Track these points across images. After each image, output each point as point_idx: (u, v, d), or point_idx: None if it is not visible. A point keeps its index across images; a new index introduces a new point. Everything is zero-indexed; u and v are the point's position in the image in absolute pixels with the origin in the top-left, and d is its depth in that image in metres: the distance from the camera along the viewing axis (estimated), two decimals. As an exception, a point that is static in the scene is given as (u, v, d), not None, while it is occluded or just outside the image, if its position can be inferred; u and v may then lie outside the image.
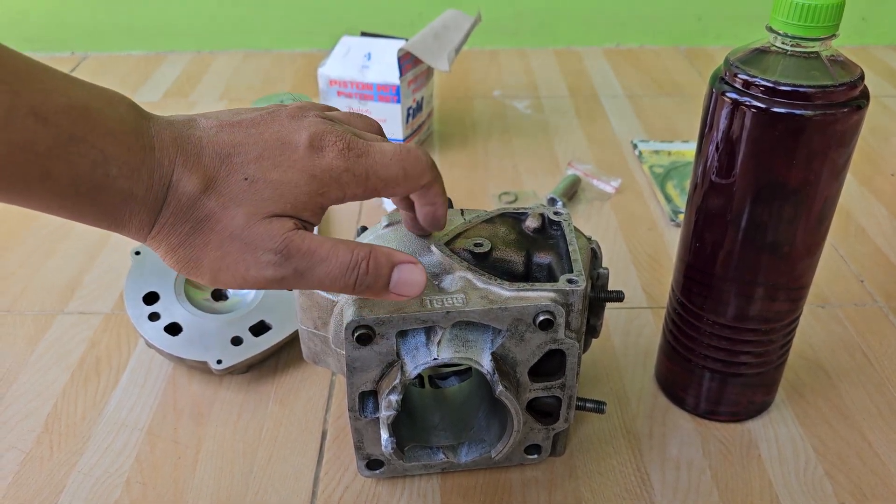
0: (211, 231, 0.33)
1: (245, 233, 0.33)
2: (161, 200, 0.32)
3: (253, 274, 0.33)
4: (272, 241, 0.33)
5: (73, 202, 0.31)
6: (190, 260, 0.33)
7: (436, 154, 0.88)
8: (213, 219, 0.33)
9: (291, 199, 0.34)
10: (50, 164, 0.29)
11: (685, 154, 0.87)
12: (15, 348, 0.59)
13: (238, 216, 0.33)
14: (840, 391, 0.55)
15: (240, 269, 0.33)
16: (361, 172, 0.35)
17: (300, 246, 0.34)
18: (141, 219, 0.32)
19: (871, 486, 0.48)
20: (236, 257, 0.33)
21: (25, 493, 0.48)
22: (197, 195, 0.33)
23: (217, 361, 0.53)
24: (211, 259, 0.33)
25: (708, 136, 0.43)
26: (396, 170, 0.36)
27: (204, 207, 0.33)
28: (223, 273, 0.34)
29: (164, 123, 0.33)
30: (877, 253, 0.71)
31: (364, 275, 0.35)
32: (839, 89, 0.39)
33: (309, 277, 0.34)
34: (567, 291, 0.41)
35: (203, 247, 0.33)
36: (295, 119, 0.36)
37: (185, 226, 0.33)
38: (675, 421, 0.53)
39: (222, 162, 0.33)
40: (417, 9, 1.18)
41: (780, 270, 0.45)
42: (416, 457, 0.47)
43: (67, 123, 0.30)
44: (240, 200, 0.33)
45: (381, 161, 0.36)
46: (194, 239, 0.33)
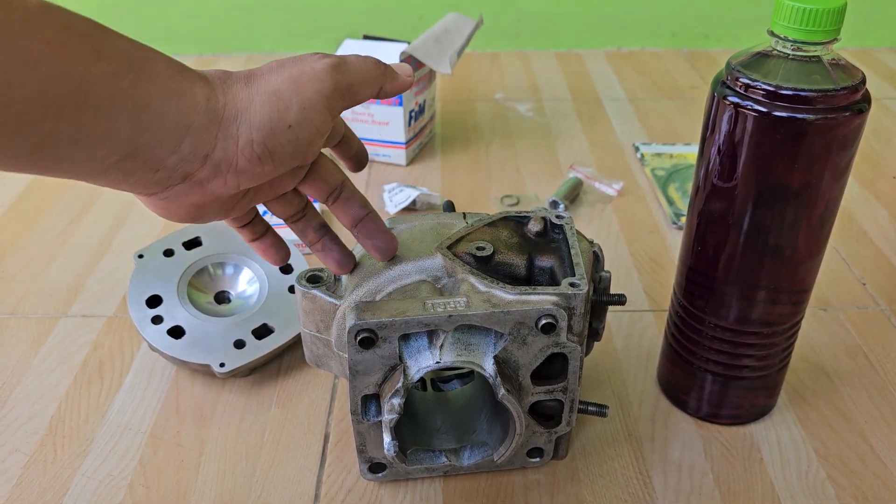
0: (266, 72, 0.37)
1: (290, 60, 0.38)
2: (215, 86, 0.36)
3: (316, 87, 0.37)
4: (317, 63, 0.37)
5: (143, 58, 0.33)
6: (270, 95, 0.36)
7: (438, 157, 0.88)
8: (260, 71, 0.37)
9: (326, 77, 0.37)
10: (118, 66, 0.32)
11: (687, 157, 0.87)
12: (18, 351, 0.59)
13: (278, 70, 0.37)
14: (842, 394, 0.55)
15: (304, 89, 0.36)
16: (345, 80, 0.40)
17: (341, 60, 0.38)
18: (205, 91, 0.35)
19: (873, 490, 0.48)
20: (298, 70, 0.37)
21: (29, 496, 0.48)
22: (243, 82, 0.37)
23: (220, 364, 0.53)
24: (281, 82, 0.36)
25: (710, 140, 0.44)
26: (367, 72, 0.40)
27: (254, 83, 0.36)
28: (302, 87, 0.36)
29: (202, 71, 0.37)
30: (879, 256, 0.71)
31: (386, 68, 0.40)
32: (841, 93, 0.39)
33: (357, 76, 0.39)
34: (569, 295, 0.41)
35: (269, 81, 0.36)
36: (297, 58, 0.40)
37: (243, 87, 0.36)
38: (677, 424, 0.53)
39: (258, 75, 0.37)
40: (419, 12, 1.18)
41: (782, 273, 0.45)
42: (418, 460, 0.47)
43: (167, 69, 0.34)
44: (275, 71, 0.37)
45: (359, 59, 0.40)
46: (257, 84, 0.36)
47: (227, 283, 0.61)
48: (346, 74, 0.38)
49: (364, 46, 0.82)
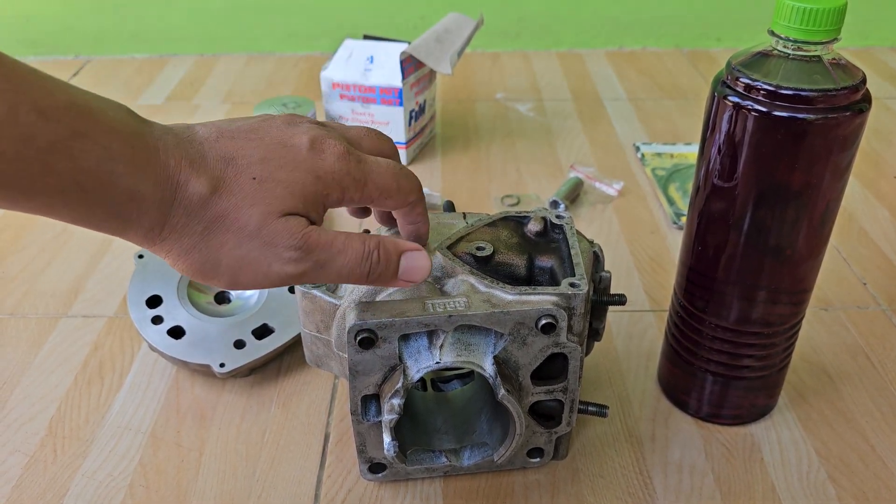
0: (227, 231, 0.32)
1: (263, 231, 0.33)
2: (170, 201, 0.32)
3: (276, 270, 0.34)
4: (292, 237, 0.33)
5: (78, 200, 0.30)
6: (206, 262, 0.33)
7: (438, 157, 0.88)
8: (228, 218, 0.32)
9: (301, 196, 0.34)
10: (53, 159, 0.29)
11: (687, 157, 0.87)
12: (18, 352, 0.59)
13: (254, 215, 0.33)
14: (843, 394, 0.55)
15: (262, 267, 0.33)
16: (361, 178, 0.36)
17: (318, 240, 0.34)
18: (151, 218, 0.32)
19: (874, 490, 0.48)
20: (257, 255, 0.33)
21: (29, 497, 0.48)
22: (207, 195, 0.32)
23: (220, 365, 0.53)
24: (230, 259, 0.33)
25: (710, 140, 0.43)
26: (391, 181, 0.37)
27: (216, 207, 0.32)
28: (243, 273, 0.33)
29: (164, 128, 0.33)
30: (879, 256, 0.71)
31: (376, 264, 0.36)
32: (841, 93, 0.39)
33: (328, 269, 0.35)
34: (569, 295, 0.41)
35: (219, 247, 0.33)
36: (291, 125, 0.36)
37: (198, 226, 0.32)
38: (677, 424, 0.53)
39: (227, 164, 0.33)
40: (420, 12, 1.18)
41: (783, 273, 0.45)
42: (418, 460, 0.47)
43: (70, 119, 0.29)
44: (252, 200, 0.33)
45: (377, 170, 0.37)
46: (209, 240, 0.33)
47: (228, 284, 0.60)
48: (319, 263, 0.34)
49: (364, 46, 0.82)
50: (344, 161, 0.35)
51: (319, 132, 0.36)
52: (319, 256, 0.34)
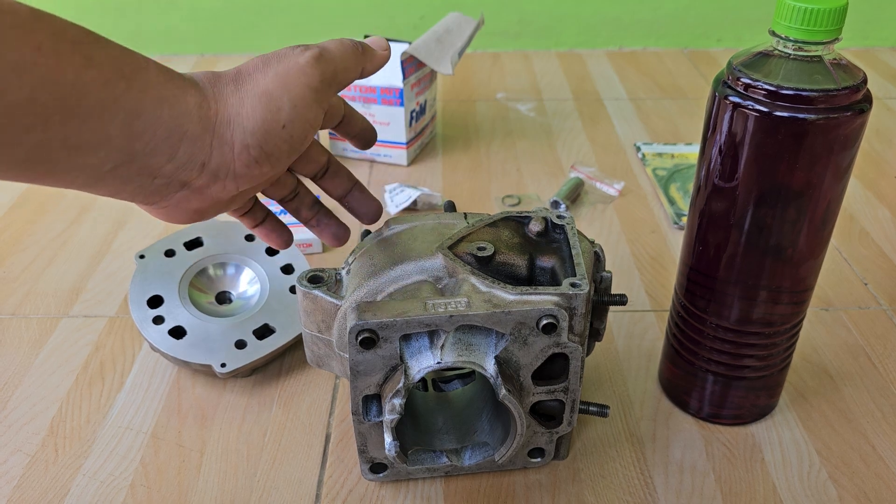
0: (250, 75, 0.37)
1: (281, 61, 0.37)
2: (211, 83, 0.36)
3: (303, 81, 0.37)
4: (300, 57, 0.37)
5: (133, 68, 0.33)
6: (261, 97, 0.36)
7: (439, 157, 0.88)
8: (244, 71, 0.37)
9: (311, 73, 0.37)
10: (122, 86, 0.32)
11: (688, 157, 0.87)
12: (20, 352, 0.60)
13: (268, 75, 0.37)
14: (844, 394, 0.55)
15: (289, 83, 0.36)
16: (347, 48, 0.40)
17: (322, 48, 0.38)
18: (197, 98, 0.35)
19: (875, 490, 0.48)
20: (282, 79, 0.36)
21: (30, 497, 0.48)
22: (235, 77, 0.37)
23: (221, 365, 0.53)
24: (268, 85, 0.36)
25: (711, 140, 0.43)
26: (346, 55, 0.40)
27: (237, 79, 0.37)
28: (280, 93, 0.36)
29: None
30: (880, 256, 0.71)
31: (362, 47, 0.40)
32: (842, 93, 0.39)
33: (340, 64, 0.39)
34: (570, 295, 0.41)
35: (255, 84, 0.36)
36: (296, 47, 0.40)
37: (230, 86, 0.36)
38: (678, 424, 0.53)
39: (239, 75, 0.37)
40: (420, 12, 1.18)
41: (784, 273, 0.45)
42: (419, 460, 0.47)
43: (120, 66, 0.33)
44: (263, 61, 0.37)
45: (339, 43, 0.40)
46: (244, 86, 0.36)
47: (229, 284, 0.61)
48: (330, 62, 0.38)
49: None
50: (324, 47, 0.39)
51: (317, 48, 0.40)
52: (320, 48, 0.38)
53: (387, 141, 0.85)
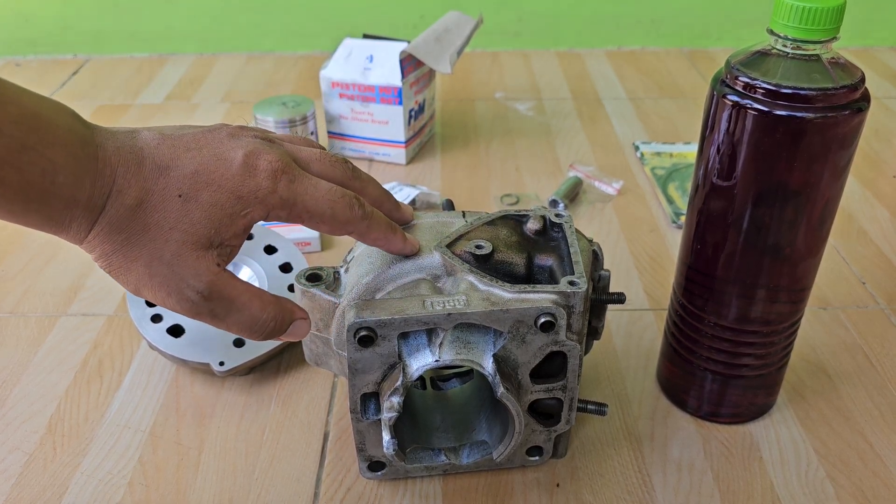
0: (143, 247, 0.34)
1: (175, 261, 0.34)
2: (100, 208, 0.33)
3: (172, 302, 0.35)
4: (198, 279, 0.35)
5: (22, 208, 0.32)
6: (120, 267, 0.35)
7: (438, 156, 0.88)
8: (147, 235, 0.34)
9: (216, 222, 0.35)
10: (3, 172, 0.30)
11: (687, 156, 0.87)
12: (18, 350, 0.59)
13: (171, 241, 0.34)
14: (841, 393, 0.55)
15: (161, 292, 0.35)
16: (289, 197, 0.36)
17: (222, 291, 0.36)
18: (80, 224, 0.33)
19: (872, 488, 0.48)
20: (161, 281, 0.35)
21: (29, 495, 0.48)
22: (134, 207, 0.34)
23: (219, 363, 0.53)
24: (138, 274, 0.35)
25: (709, 139, 0.44)
26: (324, 208, 0.37)
27: (139, 220, 0.34)
28: (145, 290, 0.35)
29: (108, 134, 0.35)
30: (878, 255, 0.71)
31: (267, 331, 0.38)
32: (840, 92, 0.39)
33: (220, 320, 0.36)
34: (568, 293, 0.41)
35: (134, 260, 0.34)
36: (234, 137, 0.37)
37: (120, 235, 0.34)
38: (676, 423, 0.53)
39: (160, 174, 0.34)
40: (419, 11, 1.18)
41: (782, 272, 0.45)
42: (417, 458, 0.47)
43: (20, 133, 0.31)
44: (173, 221, 0.34)
45: (311, 193, 0.37)
46: (127, 251, 0.34)
47: (227, 282, 0.61)
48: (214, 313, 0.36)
49: (364, 45, 0.82)
50: (272, 180, 0.36)
51: (258, 147, 0.37)
52: (217, 308, 0.36)
53: (385, 140, 0.85)
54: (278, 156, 0.37)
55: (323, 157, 0.40)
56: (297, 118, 0.80)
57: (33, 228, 0.33)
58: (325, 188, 0.38)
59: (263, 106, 0.82)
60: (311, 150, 0.40)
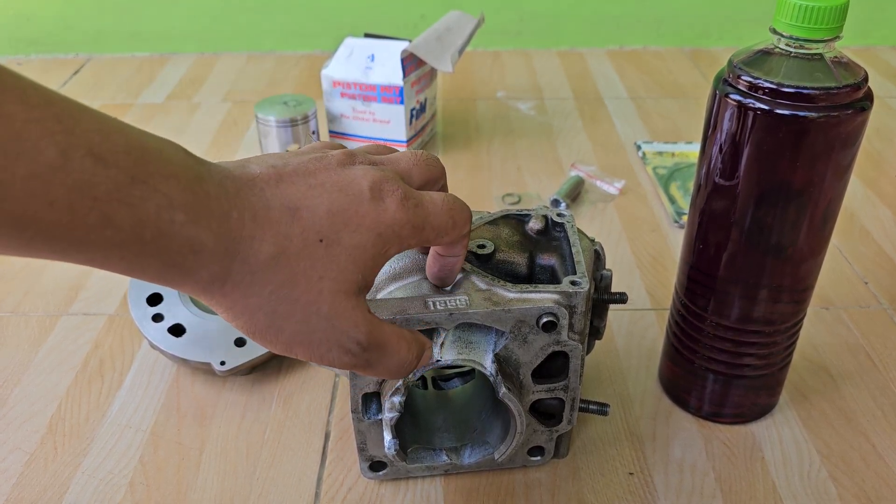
0: (296, 302, 0.31)
1: (332, 313, 0.32)
2: (233, 254, 0.30)
3: (333, 356, 0.33)
4: (358, 330, 0.33)
5: (137, 252, 0.28)
6: (270, 327, 0.32)
7: (439, 155, 0.88)
8: (297, 287, 0.31)
9: (362, 265, 0.33)
10: (111, 209, 0.26)
11: (689, 155, 0.86)
12: (19, 350, 0.59)
13: (324, 292, 0.32)
14: (844, 393, 0.55)
15: (321, 348, 0.33)
16: (419, 223, 0.34)
17: (378, 339, 0.34)
18: (211, 271, 0.30)
19: (875, 489, 0.48)
20: (321, 336, 0.32)
21: (29, 495, 0.48)
22: (275, 255, 0.31)
23: (220, 363, 0.53)
24: (293, 331, 0.32)
25: (711, 138, 0.43)
26: (446, 219, 0.36)
27: (284, 270, 0.31)
28: (301, 347, 0.33)
29: (222, 170, 0.31)
30: (881, 255, 0.71)
31: (412, 368, 0.38)
32: (843, 91, 0.39)
33: (373, 368, 0.35)
34: (570, 293, 0.41)
35: (287, 316, 0.32)
36: (347, 166, 0.34)
37: (265, 288, 0.31)
38: (678, 423, 0.53)
39: (293, 217, 0.31)
40: (420, 10, 1.18)
41: (784, 272, 0.45)
42: (419, 458, 0.47)
43: (128, 164, 0.27)
44: (321, 269, 0.32)
45: (433, 210, 0.35)
46: (277, 305, 0.31)
47: (228, 282, 0.60)
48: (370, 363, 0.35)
49: (365, 44, 0.82)
50: (403, 209, 0.34)
51: (378, 175, 0.34)
52: (372, 357, 0.34)
53: (387, 139, 0.84)
54: (396, 182, 0.34)
55: (419, 162, 0.38)
56: (298, 117, 0.80)
57: (155, 281, 0.29)
58: (441, 200, 0.36)
59: (265, 105, 0.82)
60: (406, 158, 0.37)
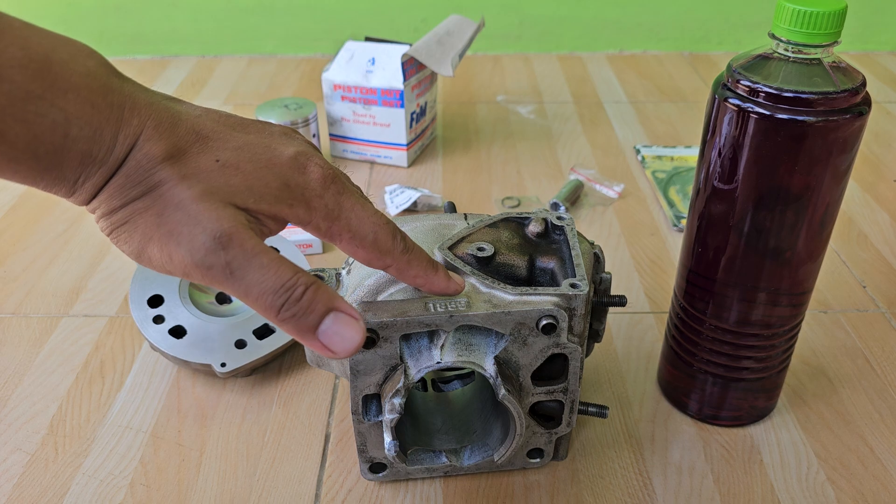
0: (159, 197, 0.29)
1: (192, 206, 0.29)
2: (120, 161, 0.29)
3: (182, 253, 0.29)
4: (217, 223, 0.29)
5: (29, 166, 0.28)
6: (125, 224, 0.30)
7: (439, 159, 0.88)
8: (166, 185, 0.29)
9: (257, 194, 0.30)
10: (5, 125, 0.26)
11: (688, 159, 0.87)
12: (20, 351, 0.60)
13: (193, 188, 0.29)
14: (842, 396, 0.55)
15: (171, 243, 0.29)
16: (334, 208, 0.33)
17: (244, 242, 0.30)
18: (93, 182, 0.29)
19: (873, 492, 0.48)
20: (171, 228, 0.29)
21: (30, 495, 0.48)
22: (158, 160, 0.29)
23: (221, 364, 0.54)
24: (146, 225, 0.29)
25: (710, 142, 0.44)
26: (367, 230, 0.34)
27: (161, 174, 0.29)
28: (152, 245, 0.29)
29: (141, 89, 0.30)
30: (879, 259, 0.71)
31: (294, 302, 0.30)
32: (841, 96, 0.39)
33: (238, 278, 0.30)
34: (570, 296, 0.41)
35: (143, 212, 0.29)
36: (286, 136, 0.34)
37: (134, 190, 0.29)
38: (677, 425, 0.53)
39: (198, 139, 0.30)
40: (421, 14, 1.18)
41: (783, 276, 0.45)
42: (418, 460, 0.47)
43: (24, 79, 0.26)
44: (203, 178, 0.29)
45: (356, 212, 0.34)
46: (137, 203, 0.29)
47: (229, 284, 0.61)
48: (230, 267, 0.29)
49: (366, 48, 0.83)
50: (322, 185, 0.32)
51: (310, 151, 0.33)
52: (233, 259, 0.29)
53: (387, 142, 0.85)
54: (329, 166, 0.33)
55: (379, 221, 0.36)
56: (298, 120, 0.80)
57: (43, 190, 0.29)
58: (371, 211, 0.34)
59: (265, 108, 0.82)
60: (365, 207, 0.35)
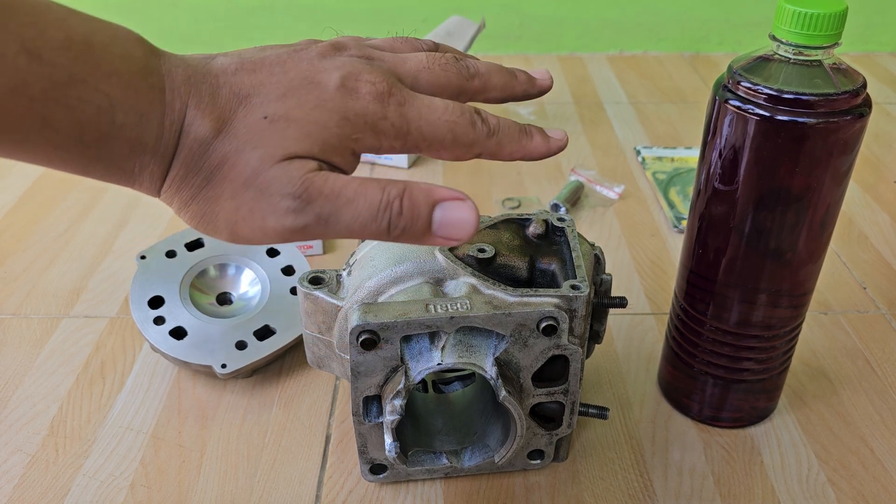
0: (224, 179, 0.29)
1: (259, 178, 0.28)
2: (173, 149, 0.29)
3: (272, 224, 0.29)
4: (290, 184, 0.28)
5: (78, 154, 0.27)
6: (204, 215, 0.30)
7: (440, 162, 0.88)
8: (226, 165, 0.29)
9: (319, 139, 0.29)
10: (47, 110, 0.26)
11: (688, 161, 0.87)
12: (21, 351, 0.60)
13: (252, 159, 0.28)
14: (842, 398, 0.55)
15: (256, 219, 0.29)
16: (402, 124, 0.31)
17: (322, 188, 0.29)
18: (152, 171, 0.29)
19: (873, 493, 0.48)
20: (251, 206, 0.29)
21: (30, 496, 0.48)
22: (210, 139, 0.29)
23: (221, 365, 0.54)
24: (226, 211, 0.29)
25: (711, 143, 0.44)
26: (443, 132, 0.31)
27: (217, 153, 0.29)
28: (241, 226, 0.29)
29: (177, 61, 0.30)
30: (879, 260, 0.71)
31: (398, 216, 0.29)
32: (842, 97, 0.39)
33: (335, 224, 0.29)
34: (570, 297, 0.41)
35: (216, 199, 0.29)
36: (326, 58, 0.31)
37: (198, 177, 0.29)
38: (677, 427, 0.53)
39: (240, 103, 0.29)
40: (422, 15, 1.18)
41: (783, 277, 0.45)
42: (419, 461, 0.47)
43: (66, 61, 0.26)
44: (257, 142, 0.29)
45: (426, 116, 0.31)
46: (207, 191, 0.29)
47: (229, 285, 0.61)
48: (322, 217, 0.29)
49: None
50: (380, 103, 0.30)
51: (356, 67, 0.31)
52: (323, 208, 0.28)
53: (388, 143, 0.85)
54: (382, 76, 0.31)
55: (432, 64, 0.34)
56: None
57: (101, 179, 0.28)
58: (441, 108, 0.31)
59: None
60: (417, 59, 0.34)
